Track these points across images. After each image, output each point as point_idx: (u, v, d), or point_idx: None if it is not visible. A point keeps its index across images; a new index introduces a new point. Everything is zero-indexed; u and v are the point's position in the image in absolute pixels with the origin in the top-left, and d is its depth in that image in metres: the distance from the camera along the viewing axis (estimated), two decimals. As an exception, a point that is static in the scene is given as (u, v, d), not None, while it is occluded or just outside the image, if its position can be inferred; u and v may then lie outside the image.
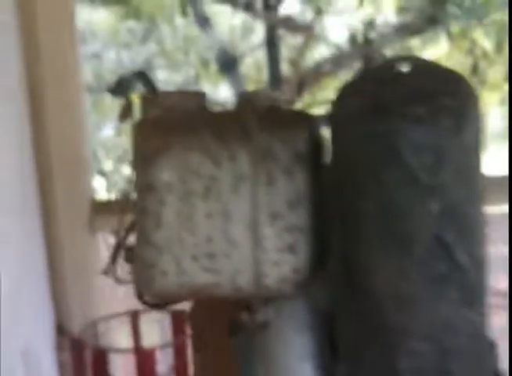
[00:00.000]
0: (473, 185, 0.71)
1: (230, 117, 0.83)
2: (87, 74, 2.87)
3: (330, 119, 0.75)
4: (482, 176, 0.72)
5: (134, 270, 1.04)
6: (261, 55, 5.55)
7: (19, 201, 2.16)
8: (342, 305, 0.77)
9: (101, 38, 4.92)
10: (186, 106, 0.89)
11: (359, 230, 0.73)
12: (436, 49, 5.53)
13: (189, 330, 2.23)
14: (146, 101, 0.92)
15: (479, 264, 0.72)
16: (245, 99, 0.86)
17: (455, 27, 4.93)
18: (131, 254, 1.05)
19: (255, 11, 4.91)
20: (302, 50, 5.15)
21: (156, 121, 0.87)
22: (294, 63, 5.22)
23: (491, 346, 0.71)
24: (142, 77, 1.88)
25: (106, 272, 1.29)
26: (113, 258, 1.23)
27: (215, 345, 1.65)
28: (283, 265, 0.81)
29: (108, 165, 5.10)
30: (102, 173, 4.59)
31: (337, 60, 5.13)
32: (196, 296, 0.82)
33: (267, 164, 0.80)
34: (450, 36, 4.84)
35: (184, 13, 4.96)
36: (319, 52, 5.55)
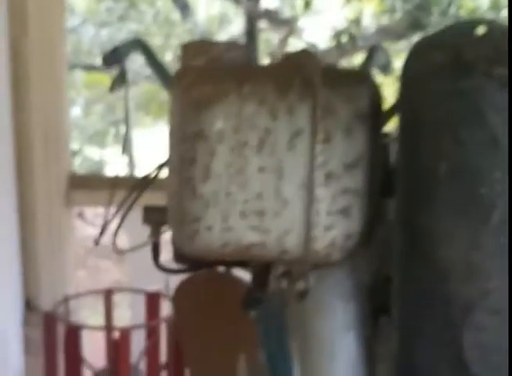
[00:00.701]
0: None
1: (292, 70, 0.78)
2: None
3: (405, 74, 0.71)
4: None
5: (159, 226, 0.99)
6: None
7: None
8: (400, 276, 0.72)
9: (79, 14, 4.81)
10: (233, 58, 0.84)
11: (431, 194, 0.68)
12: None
13: (164, 313, 2.18)
14: (187, 49, 0.86)
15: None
16: (307, 53, 0.81)
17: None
18: (152, 215, 1.00)
19: (238, 0, 4.87)
20: (282, 44, 5.12)
21: (203, 68, 0.81)
22: (274, 57, 5.19)
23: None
24: (140, 45, 1.82)
25: (96, 242, 1.24)
26: (106, 229, 1.17)
27: (203, 327, 1.60)
28: (334, 230, 0.76)
29: (75, 145, 4.99)
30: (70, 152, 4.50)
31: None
32: (240, 255, 0.77)
33: (326, 120, 0.75)
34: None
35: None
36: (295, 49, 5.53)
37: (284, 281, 0.82)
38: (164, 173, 0.93)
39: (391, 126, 0.83)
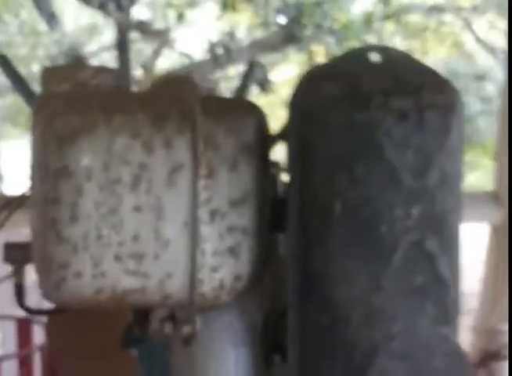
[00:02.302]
0: (457, 192, 0.64)
1: (168, 98, 0.71)
2: None
3: (295, 105, 0.65)
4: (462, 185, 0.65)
5: (22, 266, 0.89)
6: (110, 57, 5.35)
7: None
8: (296, 319, 0.67)
9: None
10: (100, 84, 0.76)
11: (326, 233, 0.63)
12: (290, 68, 5.55)
13: (37, 341, 2.06)
14: (50, 74, 0.78)
15: (458, 278, 0.64)
16: (184, 80, 0.74)
17: (314, 47, 4.96)
18: (14, 253, 0.90)
19: (107, 10, 4.72)
20: (155, 56, 5.00)
21: (68, 96, 0.73)
22: (146, 68, 5.06)
23: (466, 365, 0.64)
24: (3, 61, 1.71)
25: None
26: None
27: (80, 355, 1.50)
28: (222, 271, 0.70)
29: None
30: None
31: (189, 70, 5.02)
32: (116, 303, 0.70)
33: (209, 154, 0.69)
34: (308, 55, 4.87)
35: (30, 7, 4.68)
36: (172, 61, 5.44)
37: (168, 325, 0.75)
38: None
39: (278, 155, 0.77)
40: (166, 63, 5.32)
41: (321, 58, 4.71)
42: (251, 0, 4.79)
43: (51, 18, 4.77)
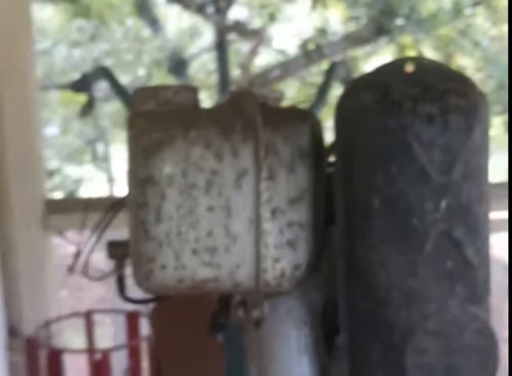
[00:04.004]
0: (482, 184, 0.72)
1: (234, 113, 0.83)
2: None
3: (340, 113, 0.76)
4: (488, 178, 0.73)
5: (123, 261, 1.03)
6: (210, 59, 5.54)
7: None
8: (345, 303, 0.77)
9: (51, 36, 4.84)
10: (181, 102, 0.88)
11: (366, 225, 0.73)
12: (382, 60, 5.60)
13: (144, 332, 2.22)
14: (138, 94, 0.90)
15: (486, 262, 0.73)
16: (246, 94, 0.85)
17: (403, 39, 5.00)
18: (116, 250, 1.04)
19: (206, 13, 4.90)
20: (251, 55, 5.15)
21: (153, 113, 0.86)
22: (243, 67, 5.22)
23: (495, 343, 0.72)
24: (106, 73, 1.86)
25: (71, 270, 1.28)
26: (80, 256, 1.21)
27: (181, 345, 1.64)
28: (283, 261, 0.81)
29: (53, 164, 5.01)
30: (48, 172, 4.52)
31: (285, 67, 5.14)
32: (195, 291, 0.81)
33: (269, 159, 0.80)
34: (398, 47, 4.91)
35: (135, 14, 4.92)
36: (267, 58, 5.57)
37: (240, 310, 0.86)
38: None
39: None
40: (263, 60, 5.45)
41: (411, 48, 4.73)
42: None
43: (154, 24, 4.98)
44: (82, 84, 1.96)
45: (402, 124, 0.71)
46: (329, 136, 0.85)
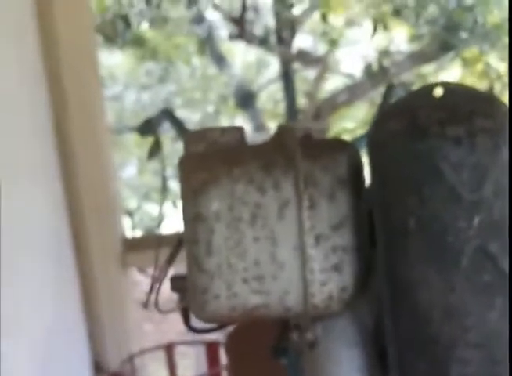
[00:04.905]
0: (507, 198, 0.75)
1: (274, 148, 0.87)
2: (108, 115, 2.93)
3: (371, 141, 0.79)
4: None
5: (185, 293, 1.08)
6: (277, 88, 5.62)
7: (55, 244, 2.22)
8: (390, 321, 0.80)
9: (120, 81, 5.01)
10: (228, 141, 0.93)
11: (404, 246, 0.76)
12: (449, 74, 5.58)
13: (223, 361, 2.27)
14: (189, 138, 0.96)
15: (520, 272, 0.75)
16: (286, 130, 0.90)
17: (468, 52, 4.98)
18: (178, 283, 1.09)
19: (269, 46, 4.99)
20: (317, 82, 5.21)
21: (200, 155, 0.91)
22: (310, 95, 5.28)
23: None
24: (168, 115, 1.95)
25: (145, 306, 1.34)
26: (153, 291, 1.27)
27: (255, 372, 1.68)
28: (329, 285, 0.84)
29: (132, 203, 5.16)
30: (127, 211, 4.65)
31: (352, 90, 5.18)
32: (247, 317, 0.86)
33: (310, 189, 0.84)
34: (464, 61, 4.89)
35: (200, 53, 5.04)
36: (334, 83, 5.62)
37: (295, 333, 0.90)
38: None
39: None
40: (331, 85, 5.50)
41: (477, 61, 4.70)
42: (402, 15, 4.86)
43: (219, 61, 5.09)
44: (147, 128, 2.05)
45: (430, 147, 0.74)
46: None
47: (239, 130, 0.95)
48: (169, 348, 2.40)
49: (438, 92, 0.78)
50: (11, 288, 1.92)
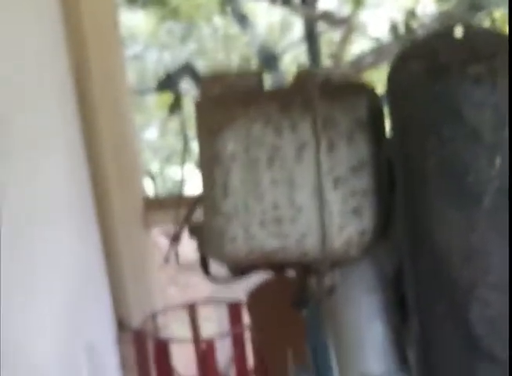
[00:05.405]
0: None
1: (292, 90, 0.86)
2: (129, 76, 2.92)
3: (391, 83, 0.78)
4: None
5: (203, 241, 1.07)
6: (301, 51, 5.57)
7: (77, 206, 2.22)
8: (409, 264, 0.79)
9: (141, 40, 4.98)
10: (245, 86, 0.92)
11: (424, 187, 0.75)
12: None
13: (246, 321, 2.27)
14: (205, 81, 0.95)
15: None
16: (306, 73, 0.88)
17: (498, 13, 4.90)
18: (196, 231, 1.09)
19: (293, 6, 4.94)
20: (342, 44, 5.13)
21: (217, 97, 0.90)
22: (335, 57, 5.21)
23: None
24: (189, 69, 1.93)
25: (166, 260, 1.34)
26: (174, 243, 1.27)
27: (276, 329, 1.68)
28: (348, 229, 0.83)
29: (154, 166, 5.16)
30: (149, 174, 4.65)
31: (378, 53, 5.13)
32: (264, 261, 0.85)
33: (329, 131, 0.82)
34: (493, 22, 4.81)
35: (222, 12, 5.01)
36: (360, 47, 5.55)
37: (313, 280, 0.89)
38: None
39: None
40: (358, 49, 5.44)
41: (506, 23, 4.61)
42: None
43: (243, 20, 5.04)
44: (168, 83, 2.04)
45: (451, 87, 0.73)
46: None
47: (257, 74, 0.94)
48: (192, 308, 2.40)
49: (459, 32, 0.76)
50: (32, 250, 1.93)
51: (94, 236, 2.30)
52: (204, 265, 1.13)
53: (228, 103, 0.86)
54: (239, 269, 1.11)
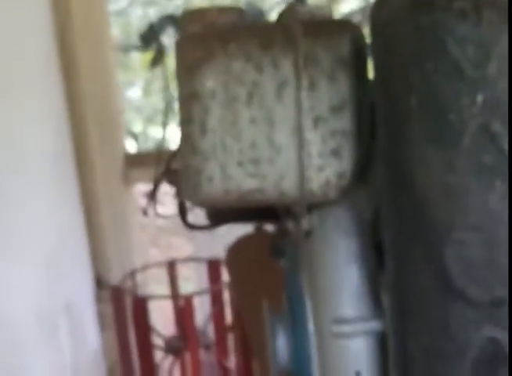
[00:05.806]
0: (515, 77, 0.71)
1: (274, 26, 0.84)
2: (113, 32, 2.87)
3: (373, 18, 0.76)
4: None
5: (181, 186, 1.06)
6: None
7: (56, 160, 2.20)
8: (388, 208, 0.77)
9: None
10: (226, 22, 0.89)
11: (405, 125, 0.73)
12: None
13: (225, 279, 2.26)
14: (185, 18, 0.92)
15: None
16: (288, 10, 0.86)
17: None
18: (173, 176, 1.07)
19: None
20: (330, 2, 5.11)
21: (197, 34, 0.88)
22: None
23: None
24: (173, 21, 1.89)
25: (144, 213, 1.32)
26: (152, 195, 1.25)
27: (255, 284, 1.67)
28: (327, 170, 0.82)
29: (137, 126, 5.11)
30: (132, 134, 4.60)
31: (366, 11, 5.07)
32: (242, 202, 0.83)
33: (310, 69, 0.80)
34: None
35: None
36: (348, 5, 5.50)
37: (290, 222, 0.88)
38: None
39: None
40: (346, 7, 5.39)
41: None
42: None
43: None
44: (150, 36, 2.00)
45: (435, 21, 0.71)
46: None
47: (239, 10, 0.92)
48: (171, 266, 2.40)
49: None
50: (8, 206, 1.90)
51: (73, 192, 2.28)
52: (182, 212, 1.11)
53: (208, 39, 0.84)
54: (217, 216, 1.10)
